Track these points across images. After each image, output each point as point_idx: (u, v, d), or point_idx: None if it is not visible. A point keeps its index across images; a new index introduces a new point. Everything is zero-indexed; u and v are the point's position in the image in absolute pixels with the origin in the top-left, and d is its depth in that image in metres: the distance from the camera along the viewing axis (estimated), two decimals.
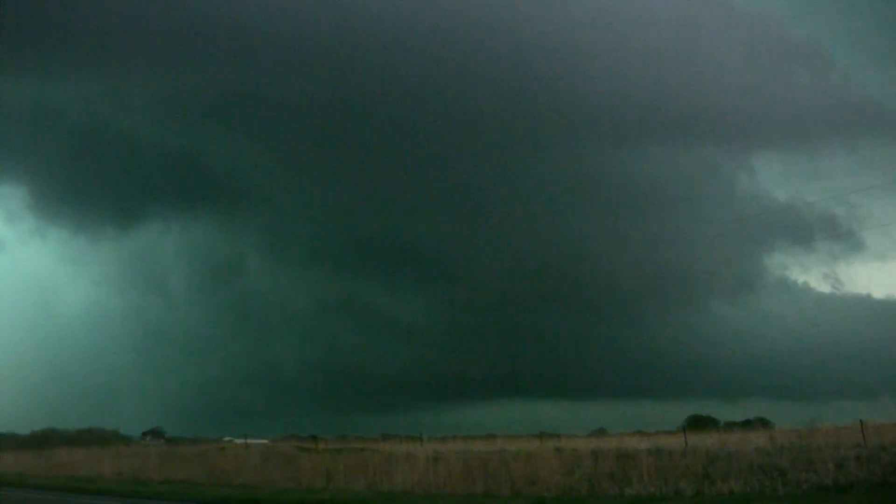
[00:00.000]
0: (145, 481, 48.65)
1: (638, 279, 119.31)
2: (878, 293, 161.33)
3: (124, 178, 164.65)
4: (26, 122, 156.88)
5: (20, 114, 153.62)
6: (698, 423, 64.37)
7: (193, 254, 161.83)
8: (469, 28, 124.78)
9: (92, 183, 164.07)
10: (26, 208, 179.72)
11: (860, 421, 32.27)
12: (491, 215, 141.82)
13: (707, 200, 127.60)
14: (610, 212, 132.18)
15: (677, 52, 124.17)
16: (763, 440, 32.95)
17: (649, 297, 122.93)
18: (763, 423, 57.07)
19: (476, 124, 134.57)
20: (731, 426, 59.78)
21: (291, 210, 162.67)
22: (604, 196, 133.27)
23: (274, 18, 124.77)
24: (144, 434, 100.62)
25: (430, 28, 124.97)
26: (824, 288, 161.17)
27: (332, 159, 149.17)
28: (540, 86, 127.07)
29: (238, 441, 69.95)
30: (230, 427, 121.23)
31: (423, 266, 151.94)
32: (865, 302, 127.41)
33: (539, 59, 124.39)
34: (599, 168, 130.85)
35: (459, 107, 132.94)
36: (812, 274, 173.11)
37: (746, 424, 59.20)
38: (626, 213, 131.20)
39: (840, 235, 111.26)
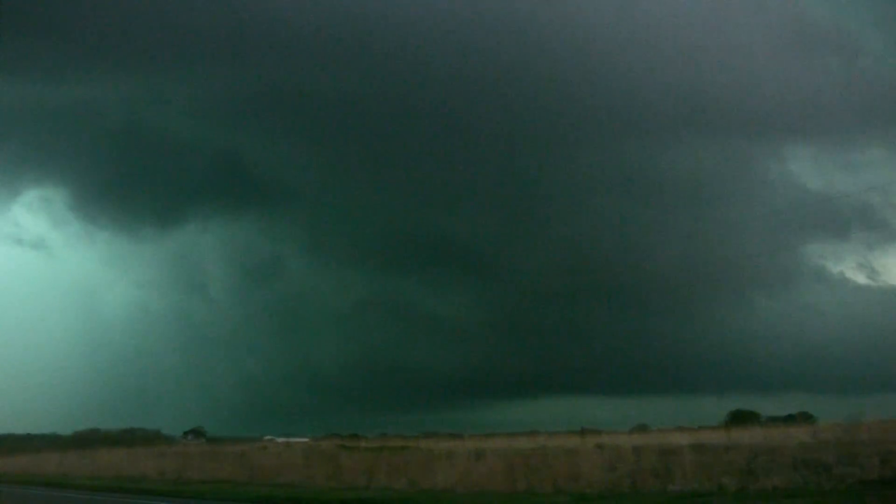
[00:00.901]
0: (188, 481, 49.39)
1: (677, 273, 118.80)
2: None
3: (165, 179, 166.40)
4: (67, 123, 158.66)
5: (61, 115, 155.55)
6: (740, 418, 64.31)
7: (233, 254, 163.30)
8: (507, 24, 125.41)
9: (133, 184, 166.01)
10: (68, 210, 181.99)
11: None
12: (533, 210, 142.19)
13: (742, 193, 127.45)
14: (649, 205, 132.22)
15: (708, 45, 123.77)
16: (806, 435, 33.00)
17: (689, 292, 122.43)
18: (806, 418, 56.92)
19: (517, 120, 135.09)
20: (773, 421, 59.76)
21: (332, 208, 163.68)
22: (643, 190, 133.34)
23: (313, 15, 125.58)
24: (186, 434, 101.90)
25: (472, 24, 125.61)
26: (861, 279, 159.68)
27: (374, 156, 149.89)
28: (578, 81, 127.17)
29: (279, 440, 70.87)
30: (271, 426, 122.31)
31: (464, 262, 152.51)
32: None
33: (576, 54, 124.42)
34: (638, 162, 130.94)
35: (500, 103, 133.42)
36: (847, 264, 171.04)
37: (789, 419, 59.17)
38: (665, 206, 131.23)
39: (875, 225, 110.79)
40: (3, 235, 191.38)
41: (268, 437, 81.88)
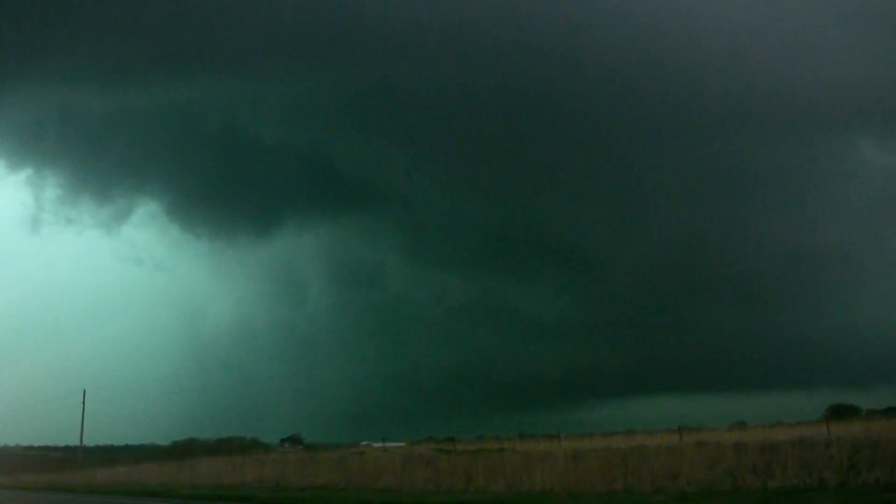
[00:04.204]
0: (286, 487, 50.83)
1: (775, 268, 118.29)
2: None
3: (262, 185, 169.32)
4: (164, 127, 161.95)
5: (158, 119, 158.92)
6: (840, 412, 63.71)
7: (330, 259, 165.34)
8: (603, 23, 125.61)
9: (231, 189, 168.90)
10: (169, 220, 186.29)
11: None
12: (632, 207, 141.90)
13: (833, 183, 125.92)
14: (747, 200, 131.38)
15: (786, 37, 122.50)
16: None
17: (786, 286, 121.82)
18: None
19: (615, 117, 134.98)
20: (874, 414, 59.17)
21: (428, 210, 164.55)
22: (741, 185, 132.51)
23: (406, 13, 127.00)
24: (283, 441, 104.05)
25: (570, 19, 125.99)
26: None
27: (471, 155, 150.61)
28: (677, 80, 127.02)
29: (376, 445, 72.20)
30: (368, 431, 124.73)
31: (564, 261, 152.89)
32: None
33: (673, 54, 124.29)
34: (735, 157, 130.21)
35: (598, 98, 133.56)
36: None
37: (890, 411, 58.44)
38: (762, 200, 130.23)
39: None
40: (120, 256, 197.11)
41: (364, 443, 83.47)
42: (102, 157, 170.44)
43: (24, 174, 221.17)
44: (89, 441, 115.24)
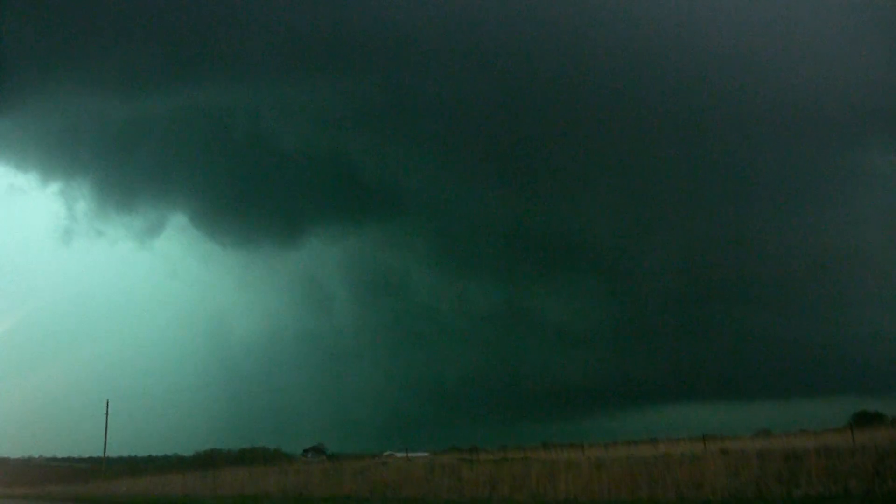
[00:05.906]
0: (309, 497, 50.86)
1: (798, 273, 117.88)
2: None
3: (286, 194, 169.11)
4: (188, 132, 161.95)
5: (181, 124, 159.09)
6: (865, 420, 63.46)
7: (353, 267, 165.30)
8: (628, 29, 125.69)
9: (255, 201, 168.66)
10: (196, 230, 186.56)
11: None
12: (658, 211, 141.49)
13: (854, 189, 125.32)
14: (767, 205, 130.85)
15: (807, 40, 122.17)
16: None
17: (811, 292, 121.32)
18: None
19: (641, 118, 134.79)
20: None
21: (453, 218, 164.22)
22: (769, 190, 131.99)
23: (429, 19, 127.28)
24: (306, 451, 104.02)
25: (586, 23, 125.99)
26: None
27: (495, 162, 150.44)
28: (709, 81, 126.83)
29: (399, 455, 72.38)
30: (391, 441, 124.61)
31: (590, 268, 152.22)
32: None
33: (692, 58, 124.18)
34: (754, 161, 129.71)
35: (624, 102, 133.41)
36: None
37: None
38: (784, 206, 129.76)
39: None
40: (157, 271, 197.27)
41: (387, 453, 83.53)
42: (129, 167, 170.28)
43: (57, 186, 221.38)
44: (113, 452, 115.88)
